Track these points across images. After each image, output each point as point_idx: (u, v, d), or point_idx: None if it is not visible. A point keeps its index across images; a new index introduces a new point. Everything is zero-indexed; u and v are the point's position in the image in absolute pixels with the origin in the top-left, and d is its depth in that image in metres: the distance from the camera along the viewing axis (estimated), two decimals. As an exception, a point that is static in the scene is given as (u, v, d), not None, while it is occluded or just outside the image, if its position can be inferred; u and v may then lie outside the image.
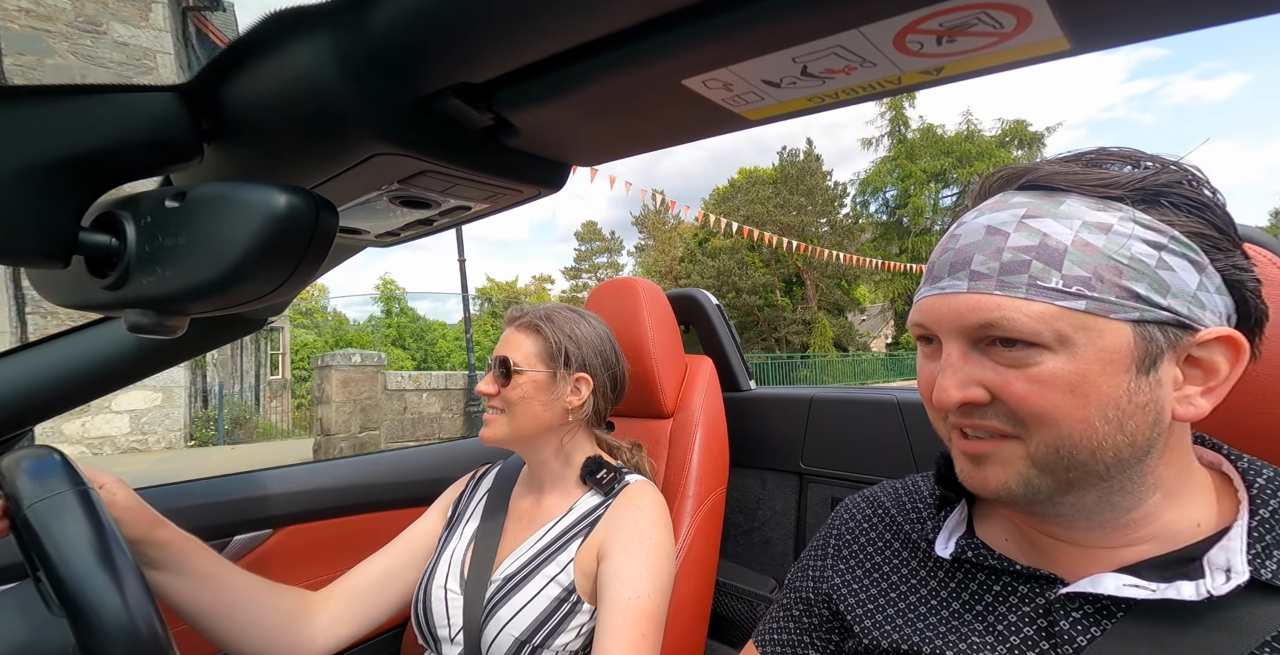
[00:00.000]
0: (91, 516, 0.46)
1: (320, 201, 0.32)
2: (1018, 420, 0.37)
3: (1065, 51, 0.28)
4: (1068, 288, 0.35)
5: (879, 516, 0.52)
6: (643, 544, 0.70)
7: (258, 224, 0.30)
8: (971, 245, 0.39)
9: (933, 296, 0.40)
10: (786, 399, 1.19)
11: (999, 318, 0.36)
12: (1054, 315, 0.35)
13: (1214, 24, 0.26)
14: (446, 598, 0.74)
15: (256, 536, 0.95)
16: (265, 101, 0.35)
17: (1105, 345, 0.35)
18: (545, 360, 0.77)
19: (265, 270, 0.31)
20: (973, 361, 0.38)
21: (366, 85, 0.32)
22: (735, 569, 1.19)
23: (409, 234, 0.57)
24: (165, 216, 0.32)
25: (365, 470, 1.08)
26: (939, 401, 0.39)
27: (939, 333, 0.40)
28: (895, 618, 0.45)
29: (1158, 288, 0.35)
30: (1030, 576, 0.40)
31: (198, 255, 0.31)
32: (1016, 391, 0.36)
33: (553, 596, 0.70)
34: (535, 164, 0.45)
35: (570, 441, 0.80)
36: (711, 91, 0.33)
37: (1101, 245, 0.35)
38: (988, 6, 0.25)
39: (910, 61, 0.29)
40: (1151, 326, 0.35)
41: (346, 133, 0.35)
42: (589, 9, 0.27)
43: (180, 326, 0.34)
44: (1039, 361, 0.36)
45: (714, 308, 1.27)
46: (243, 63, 0.34)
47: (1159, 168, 0.38)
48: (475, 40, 0.30)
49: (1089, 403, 0.35)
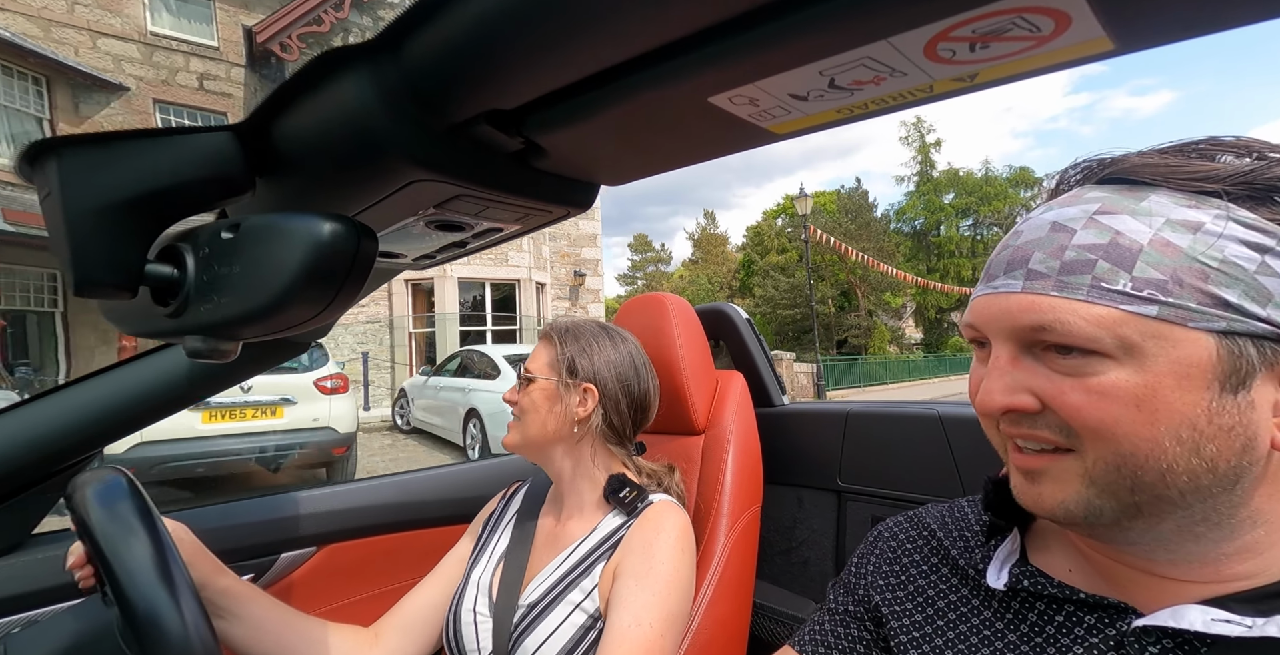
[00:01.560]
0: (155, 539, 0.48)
1: (361, 228, 0.33)
2: (1071, 432, 0.34)
3: (1109, 52, 0.27)
4: (1138, 291, 0.32)
5: (924, 539, 0.48)
6: (653, 569, 0.67)
7: (303, 252, 0.31)
8: (1032, 242, 0.35)
9: (986, 296, 0.37)
10: (822, 414, 1.16)
11: (1052, 320, 0.33)
12: (1118, 320, 0.32)
13: (1256, 21, 0.25)
14: (476, 621, 0.74)
15: (301, 554, 0.98)
16: (312, 136, 0.37)
17: (1181, 357, 0.31)
18: (555, 370, 0.79)
19: (310, 295, 0.32)
20: (1023, 367, 0.35)
21: (404, 116, 0.34)
22: (773, 590, 1.15)
23: (444, 256, 0.59)
24: (221, 247, 0.34)
25: (407, 488, 1.10)
26: (982, 405, 0.36)
27: (989, 334, 0.37)
28: (944, 649, 0.41)
29: (1255, 296, 0.31)
30: (1098, 605, 0.37)
31: (250, 283, 0.32)
32: (1071, 402, 0.33)
33: (579, 624, 0.69)
34: (564, 185, 0.45)
35: (590, 457, 0.79)
36: (738, 108, 0.33)
37: (1186, 246, 0.32)
38: (1024, 10, 0.24)
39: (942, 69, 0.29)
40: (1243, 339, 0.31)
41: (386, 162, 0.36)
42: (615, 35, 0.28)
43: (234, 351, 0.36)
44: (1099, 371, 0.33)
45: (744, 322, 1.25)
46: (292, 102, 0.36)
47: (1267, 159, 0.33)
48: (505, 69, 0.31)
49: (1157, 420, 0.32)
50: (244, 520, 0.94)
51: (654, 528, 0.72)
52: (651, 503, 0.76)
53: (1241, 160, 0.34)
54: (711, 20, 0.27)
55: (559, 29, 0.28)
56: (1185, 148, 0.36)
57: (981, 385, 0.37)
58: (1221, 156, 0.34)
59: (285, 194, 0.43)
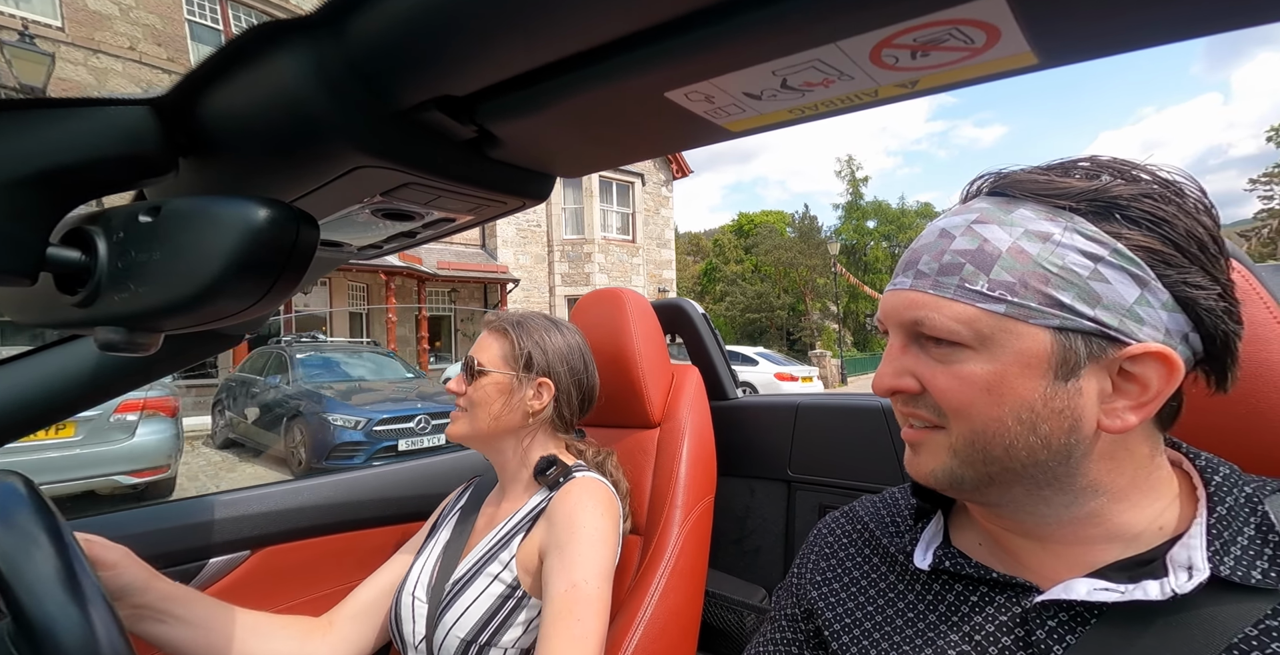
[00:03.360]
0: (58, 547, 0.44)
1: (300, 215, 0.32)
2: (941, 412, 0.39)
3: (1033, 66, 0.29)
4: (991, 291, 0.37)
5: (857, 532, 0.52)
6: (575, 534, 0.70)
7: (235, 238, 0.29)
8: (923, 246, 0.41)
9: (888, 293, 0.43)
10: (773, 407, 1.19)
11: (923, 316, 0.39)
12: (973, 317, 0.37)
13: (1172, 41, 0.27)
14: (414, 604, 0.75)
15: (233, 559, 0.92)
16: (243, 115, 0.35)
17: (1023, 348, 0.36)
18: (510, 363, 0.79)
19: (243, 285, 0.30)
20: (910, 354, 0.41)
21: (347, 98, 0.32)
22: (725, 579, 1.18)
23: (391, 246, 0.56)
24: (139, 232, 0.31)
25: (350, 487, 1.06)
26: (874, 386, 0.42)
27: (888, 326, 0.43)
28: (873, 631, 0.44)
29: (1086, 298, 0.35)
30: (1007, 585, 0.40)
31: (173, 271, 0.30)
32: (939, 385, 0.39)
33: (496, 594, 0.71)
34: (519, 175, 0.45)
35: (535, 446, 0.81)
36: (694, 104, 0.33)
37: (1035, 253, 0.36)
38: (959, 23, 0.26)
39: (886, 75, 0.30)
40: (1074, 335, 0.36)
41: (327, 146, 0.34)
42: (571, 24, 0.28)
43: (154, 344, 0.34)
44: (961, 360, 0.38)
45: (700, 317, 1.27)
46: (220, 77, 0.33)
47: (1121, 180, 0.37)
48: (457, 54, 0.30)
49: (1003, 402, 0.37)
50: (167, 524, 0.88)
51: (574, 499, 0.73)
52: (574, 477, 0.77)
53: (1094, 180, 0.38)
54: (667, 15, 0.27)
55: (515, 15, 0.27)
56: (1059, 166, 0.40)
57: (878, 369, 0.42)
58: (1079, 175, 0.39)
59: (214, 176, 0.40)
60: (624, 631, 0.79)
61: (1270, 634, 0.32)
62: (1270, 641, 0.31)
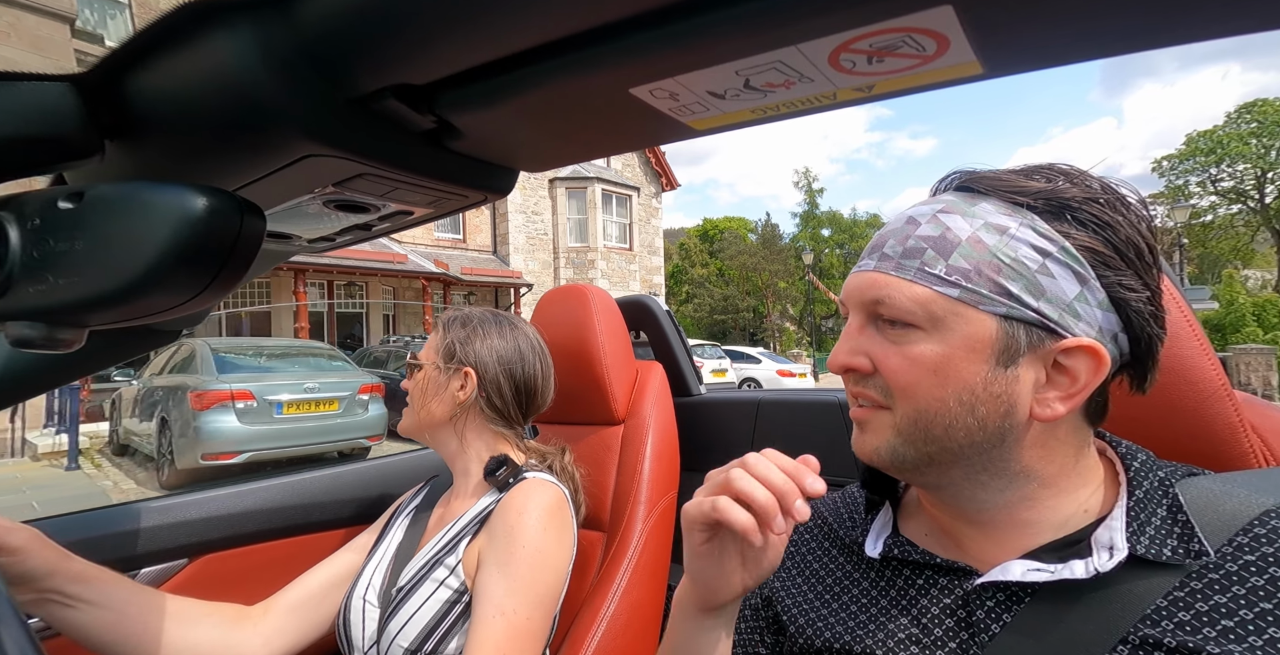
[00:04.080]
0: None
1: (245, 204, 0.30)
2: (889, 392, 0.41)
3: (979, 76, 0.30)
4: (948, 276, 0.39)
5: (816, 526, 0.54)
6: (515, 554, 0.66)
7: (171, 228, 0.27)
8: (890, 231, 0.42)
9: (853, 274, 0.44)
10: (735, 402, 1.22)
11: (884, 295, 0.40)
12: (929, 299, 0.39)
13: (1109, 55, 0.29)
14: (364, 609, 0.72)
15: (168, 568, 0.87)
16: (178, 97, 0.32)
17: (970, 333, 0.39)
18: (439, 355, 0.81)
19: (181, 278, 0.28)
20: (866, 334, 0.42)
21: (296, 83, 0.31)
22: None
23: (345, 239, 0.54)
24: (57, 219, 0.29)
25: (300, 490, 1.01)
26: (829, 363, 0.44)
27: (849, 306, 0.44)
28: (829, 617, 0.47)
29: (1032, 290, 0.38)
30: (950, 569, 0.43)
31: (98, 262, 0.28)
32: (891, 365, 0.41)
33: (443, 600, 0.69)
34: (481, 168, 0.44)
35: (475, 439, 0.81)
36: (659, 101, 0.33)
37: (991, 244, 0.39)
38: (912, 30, 0.27)
39: (844, 78, 0.31)
40: (1017, 324, 0.38)
41: (274, 133, 0.33)
42: (535, 15, 0.27)
43: (76, 340, 0.31)
44: (914, 341, 0.40)
45: (664, 313, 1.28)
46: (152, 55, 0.31)
47: (1074, 185, 0.40)
48: (415, 40, 0.29)
49: (947, 383, 0.39)
50: (92, 534, 0.82)
51: (517, 508, 0.70)
52: (525, 479, 0.75)
53: (1050, 182, 0.41)
54: (633, 11, 0.27)
55: (478, 3, 0.26)
56: (1023, 169, 0.43)
57: (834, 347, 0.44)
58: (1039, 177, 0.42)
59: (146, 162, 0.37)
60: (586, 628, 0.79)
61: (1177, 604, 0.35)
62: (1177, 610, 0.35)
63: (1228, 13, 0.25)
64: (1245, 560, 0.35)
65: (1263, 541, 0.35)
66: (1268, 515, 0.36)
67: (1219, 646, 0.33)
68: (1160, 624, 0.35)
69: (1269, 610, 0.33)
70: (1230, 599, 0.34)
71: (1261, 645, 0.32)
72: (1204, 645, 0.33)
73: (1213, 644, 0.33)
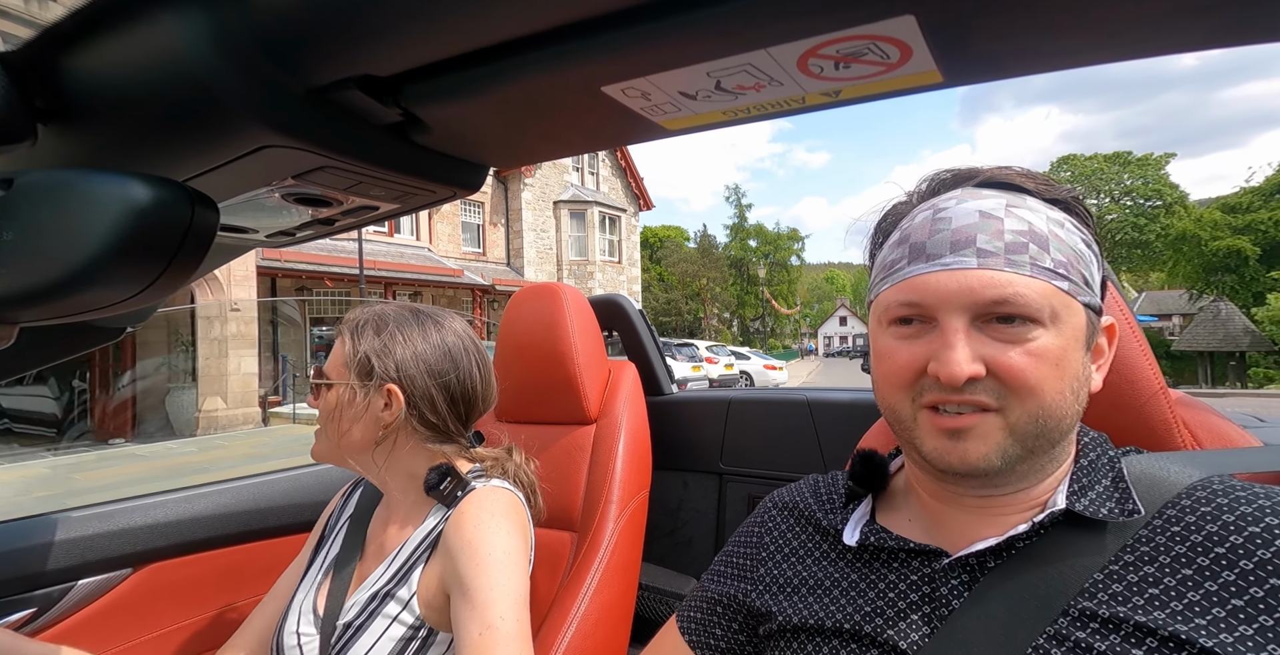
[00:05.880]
0: None
1: (195, 195, 0.29)
2: (1003, 393, 0.39)
3: (939, 84, 0.31)
4: (1057, 269, 0.39)
5: (802, 509, 0.56)
6: (480, 567, 0.62)
7: (113, 219, 0.26)
8: (970, 226, 0.40)
9: (934, 272, 0.40)
10: (706, 401, 1.23)
11: (1012, 293, 0.38)
12: (1050, 293, 0.39)
13: (1057, 69, 0.30)
14: (300, 644, 0.65)
15: (109, 578, 0.82)
16: (121, 81, 0.31)
17: (1076, 323, 0.40)
18: (351, 371, 0.68)
19: (122, 272, 0.27)
20: (974, 338, 0.39)
21: (251, 70, 0.29)
22: (658, 571, 1.20)
23: (306, 234, 0.52)
24: None
25: (247, 495, 0.97)
26: (950, 377, 0.38)
27: (940, 310, 0.39)
28: (807, 596, 0.48)
29: (1092, 279, 0.41)
30: (921, 552, 0.45)
31: (29, 254, 0.26)
32: (1015, 364, 0.38)
33: (397, 638, 0.63)
34: (448, 164, 0.43)
35: (409, 458, 0.70)
36: (631, 100, 0.33)
37: (1064, 237, 0.40)
38: (877, 38, 0.27)
39: (812, 83, 0.31)
40: (1091, 311, 0.41)
41: (228, 121, 0.31)
42: (504, 8, 0.27)
43: (5, 337, 0.29)
44: (1035, 336, 0.38)
45: (637, 313, 1.28)
46: (90, 34, 0.29)
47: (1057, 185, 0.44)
48: (377, 30, 0.28)
49: (1065, 375, 0.39)
50: (28, 543, 0.77)
51: (472, 521, 0.65)
52: (473, 489, 0.68)
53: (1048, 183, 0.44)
54: (604, 9, 0.27)
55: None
56: (1005, 168, 0.46)
57: (942, 358, 0.39)
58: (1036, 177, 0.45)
59: (85, 149, 0.35)
60: (556, 629, 0.79)
61: (1112, 577, 0.38)
62: (1111, 583, 0.37)
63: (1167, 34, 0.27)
64: (1172, 532, 0.38)
65: (1186, 511, 0.38)
66: (1193, 488, 0.39)
67: (1145, 614, 0.35)
68: (1096, 596, 0.37)
69: (1189, 576, 0.35)
70: (1157, 568, 0.37)
71: (1181, 609, 0.34)
72: (1133, 614, 0.35)
73: (1140, 612, 0.35)
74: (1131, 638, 0.35)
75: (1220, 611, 0.33)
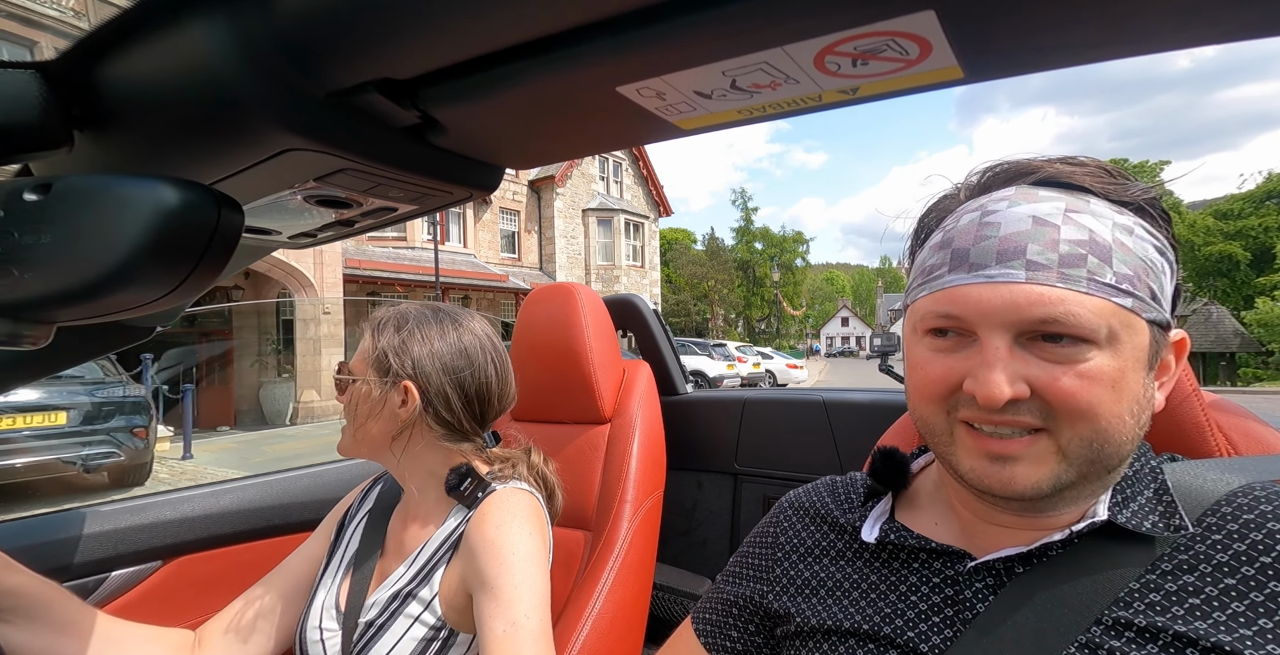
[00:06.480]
0: None
1: (221, 198, 0.29)
2: (1051, 415, 0.35)
3: (960, 80, 0.31)
4: (1119, 285, 0.35)
5: (819, 509, 0.55)
6: (503, 566, 0.63)
7: (145, 222, 0.27)
8: (1020, 234, 0.36)
9: (977, 285, 0.36)
10: (721, 401, 1.22)
11: (1064, 312, 0.34)
12: (1109, 311, 0.35)
13: (1080, 64, 0.30)
14: (323, 639, 0.67)
15: (141, 570, 0.85)
16: (153, 89, 0.32)
17: (1138, 343, 0.36)
18: (370, 367, 0.70)
19: (154, 273, 0.28)
20: (1018, 357, 0.36)
21: (275, 75, 0.30)
22: (673, 572, 1.20)
23: (327, 235, 0.53)
24: (23, 211, 0.28)
25: (274, 490, 1.00)
26: (988, 400, 0.35)
27: (980, 324, 0.36)
28: (825, 597, 0.47)
29: (1161, 291, 0.37)
30: (944, 553, 0.43)
31: (66, 256, 0.27)
32: (1065, 387, 0.35)
33: (419, 638, 0.64)
34: (465, 165, 0.43)
35: (428, 455, 0.72)
36: (645, 100, 0.33)
37: (1132, 246, 0.36)
38: (896, 34, 0.27)
39: (829, 81, 0.31)
40: (1156, 327, 0.37)
41: (252, 126, 0.32)
42: (521, 10, 0.27)
43: (43, 336, 0.30)
44: (1089, 357, 0.35)
45: (651, 313, 1.28)
46: (124, 44, 0.30)
47: (1127, 179, 0.39)
48: (399, 35, 0.29)
49: (1123, 398, 0.35)
50: (64, 535, 0.80)
51: (494, 522, 0.66)
52: (494, 490, 0.70)
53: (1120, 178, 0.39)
54: (618, 9, 0.27)
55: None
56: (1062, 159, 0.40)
57: (979, 377, 0.36)
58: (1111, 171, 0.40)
59: (118, 154, 0.36)
60: (571, 628, 0.79)
61: (1149, 586, 0.36)
62: (1148, 592, 0.36)
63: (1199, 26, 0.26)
64: (1213, 540, 0.36)
65: (1227, 519, 0.36)
66: (1234, 495, 0.37)
67: (1185, 625, 0.33)
68: (1132, 606, 0.35)
69: (1232, 586, 0.34)
70: (1198, 577, 0.35)
71: (1225, 620, 0.33)
72: (1171, 624, 0.34)
73: (1180, 622, 0.33)
74: (1170, 648, 0.33)
75: (1268, 622, 0.32)
